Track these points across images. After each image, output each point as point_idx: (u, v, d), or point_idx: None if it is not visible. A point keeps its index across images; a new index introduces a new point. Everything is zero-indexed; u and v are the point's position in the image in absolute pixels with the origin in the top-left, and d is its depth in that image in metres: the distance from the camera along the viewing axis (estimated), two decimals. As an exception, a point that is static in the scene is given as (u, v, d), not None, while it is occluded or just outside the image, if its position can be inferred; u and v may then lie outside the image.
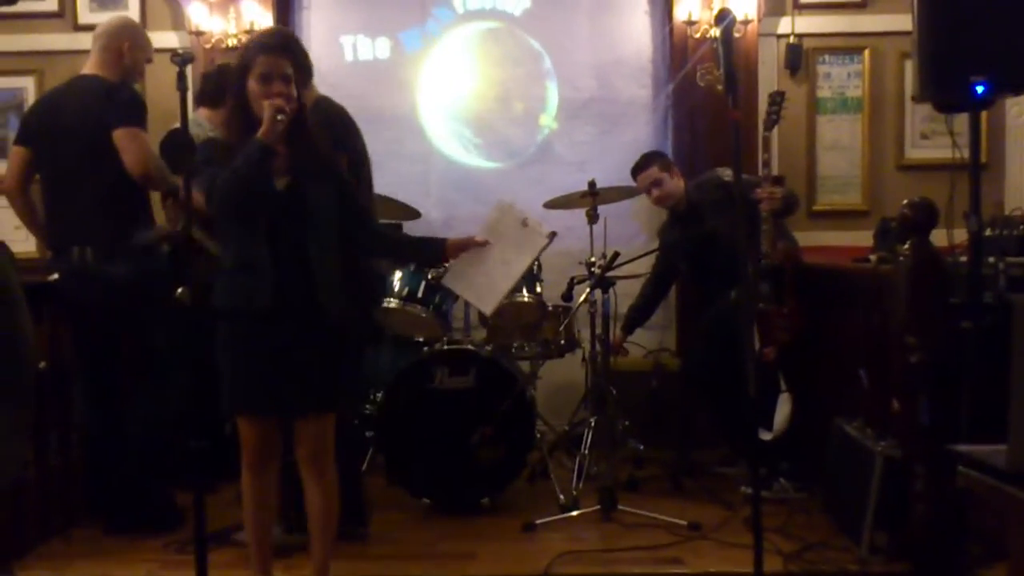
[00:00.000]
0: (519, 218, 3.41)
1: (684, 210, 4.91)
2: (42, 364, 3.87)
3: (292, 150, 3.04)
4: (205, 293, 3.03)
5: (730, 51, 3.67)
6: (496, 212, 3.43)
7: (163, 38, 5.75)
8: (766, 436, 4.35)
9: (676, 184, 4.90)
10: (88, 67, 4.15)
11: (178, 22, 5.80)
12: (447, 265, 3.44)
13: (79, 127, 3.97)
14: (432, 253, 3.38)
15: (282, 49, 3.02)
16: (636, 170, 4.93)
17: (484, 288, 3.41)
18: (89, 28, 5.72)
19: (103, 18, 5.72)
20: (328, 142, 3.25)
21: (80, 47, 5.81)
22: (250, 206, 2.96)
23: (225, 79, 4.53)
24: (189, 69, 3.01)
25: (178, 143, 4.28)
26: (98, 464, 4.13)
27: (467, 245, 3.32)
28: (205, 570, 2.89)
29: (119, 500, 4.08)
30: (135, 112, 3.98)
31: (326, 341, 3.05)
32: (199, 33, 5.67)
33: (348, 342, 3.23)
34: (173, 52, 2.95)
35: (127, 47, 4.13)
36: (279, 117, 2.91)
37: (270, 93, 2.94)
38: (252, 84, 2.98)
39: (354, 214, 3.21)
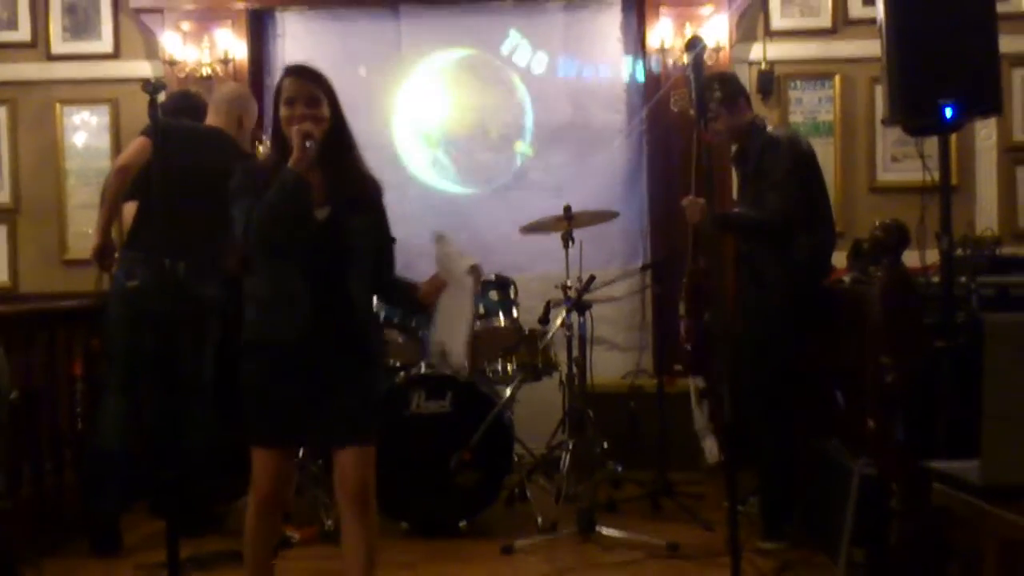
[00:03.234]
0: (452, 252, 3.23)
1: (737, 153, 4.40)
2: (14, 395, 3.85)
3: (331, 179, 2.95)
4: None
5: (701, 77, 3.74)
6: (438, 246, 3.24)
7: (137, 67, 5.78)
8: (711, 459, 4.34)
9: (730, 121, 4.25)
10: (215, 122, 4.40)
11: (152, 51, 5.82)
12: (431, 321, 3.26)
13: (212, 166, 3.99)
14: (414, 301, 3.22)
15: (305, 72, 2.94)
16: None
17: (458, 336, 3.24)
18: (62, 58, 5.83)
19: (76, 48, 5.82)
20: (366, 168, 3.10)
21: (54, 76, 5.86)
22: (287, 238, 2.86)
23: (188, 102, 4.59)
24: (162, 97, 3.01)
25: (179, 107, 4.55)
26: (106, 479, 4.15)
27: (432, 290, 3.13)
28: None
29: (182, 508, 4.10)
30: None
31: (363, 373, 2.98)
32: (172, 63, 5.67)
33: (380, 375, 3.22)
34: (145, 81, 2.94)
35: (245, 119, 4.44)
36: (308, 144, 2.81)
37: (294, 117, 2.86)
38: (282, 109, 2.91)
39: (385, 250, 3.10)
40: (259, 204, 2.82)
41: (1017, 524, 1.99)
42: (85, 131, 5.91)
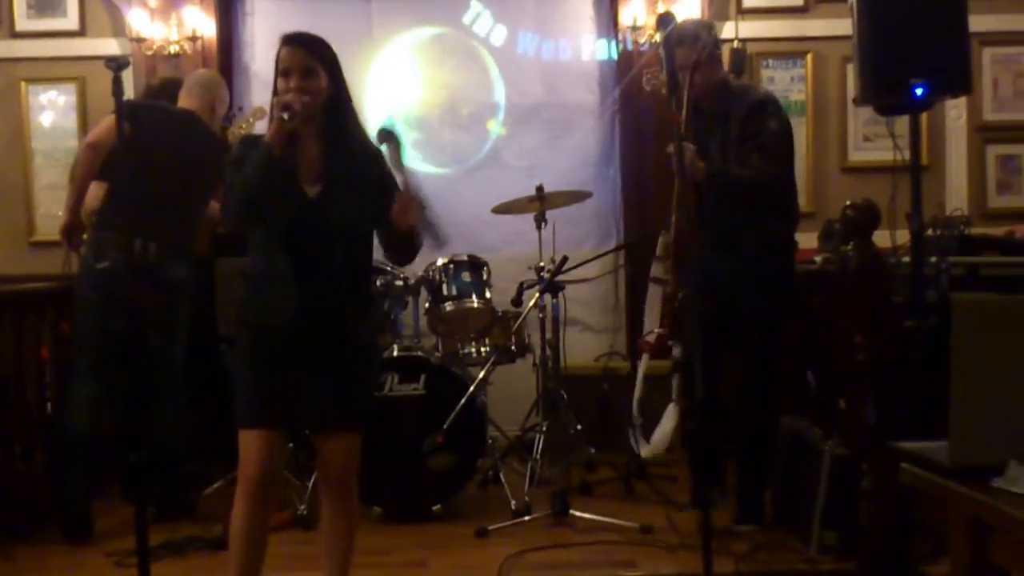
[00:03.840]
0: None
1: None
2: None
3: (327, 154, 2.84)
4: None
5: (672, 55, 3.72)
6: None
7: (103, 45, 5.68)
8: (645, 452, 4.25)
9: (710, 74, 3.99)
10: (188, 105, 4.35)
11: (119, 29, 5.72)
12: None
13: (185, 147, 4.18)
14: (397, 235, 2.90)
15: (302, 41, 2.85)
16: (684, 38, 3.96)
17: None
18: (27, 35, 5.73)
19: (41, 25, 5.72)
20: (368, 141, 2.97)
21: (18, 54, 5.76)
22: (272, 216, 2.77)
23: (169, 91, 4.54)
24: (129, 74, 2.95)
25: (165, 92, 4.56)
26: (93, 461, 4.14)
27: (401, 210, 2.83)
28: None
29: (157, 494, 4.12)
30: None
31: (351, 357, 2.88)
32: (140, 40, 5.59)
33: (371, 360, 3.10)
34: (108, 58, 2.87)
35: (218, 104, 4.41)
36: (284, 115, 2.69)
37: (288, 89, 2.75)
38: (278, 81, 2.80)
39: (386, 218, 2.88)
40: (235, 180, 2.74)
41: (984, 503, 1.99)
42: (52, 110, 5.82)
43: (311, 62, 2.81)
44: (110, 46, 5.66)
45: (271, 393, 2.83)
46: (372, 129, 3.07)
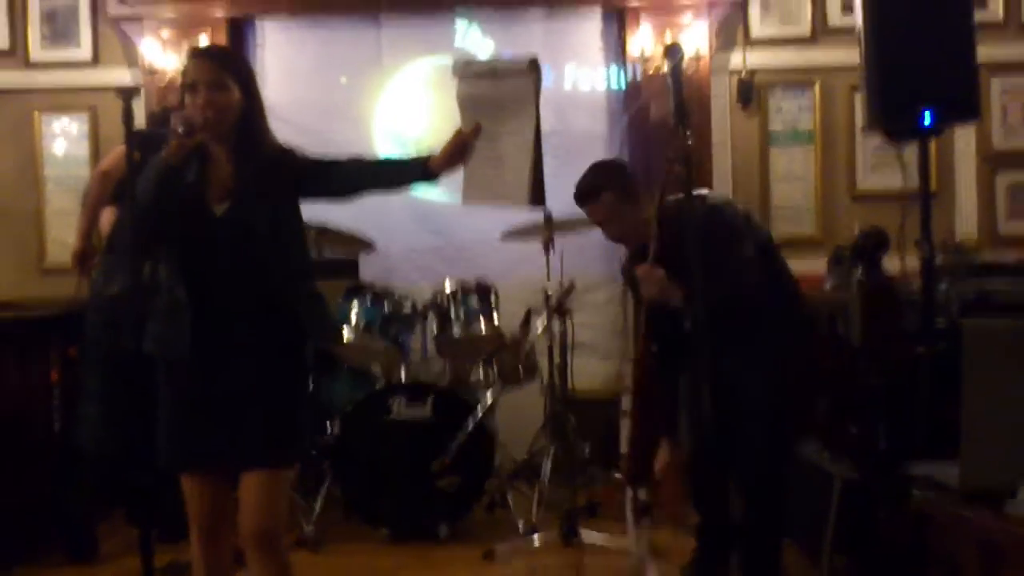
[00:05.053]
0: (486, 70, 2.79)
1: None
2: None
3: (239, 170, 2.66)
4: None
5: (679, 84, 3.70)
6: (461, 83, 2.77)
7: (116, 75, 5.72)
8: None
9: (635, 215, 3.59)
10: None
11: (131, 59, 5.76)
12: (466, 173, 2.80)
13: None
14: (418, 171, 2.75)
15: (210, 54, 2.73)
16: (582, 198, 3.74)
17: (509, 183, 2.76)
18: (41, 66, 5.79)
19: (55, 55, 5.78)
20: (280, 146, 2.79)
21: (33, 85, 5.81)
22: (167, 234, 2.62)
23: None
24: (141, 103, 2.97)
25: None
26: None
27: (456, 148, 2.70)
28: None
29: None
30: None
31: (270, 384, 2.64)
32: (152, 71, 5.63)
33: (298, 382, 2.78)
34: (118, 88, 2.88)
35: None
36: (180, 129, 2.53)
37: (195, 104, 2.59)
38: (185, 97, 2.64)
39: (320, 177, 2.75)
40: (133, 200, 2.58)
41: (995, 527, 1.99)
42: (64, 139, 5.86)
43: (220, 76, 2.63)
44: (123, 76, 5.70)
45: (186, 435, 2.67)
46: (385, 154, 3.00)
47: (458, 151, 2.70)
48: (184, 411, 2.67)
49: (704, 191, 3.56)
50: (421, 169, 2.73)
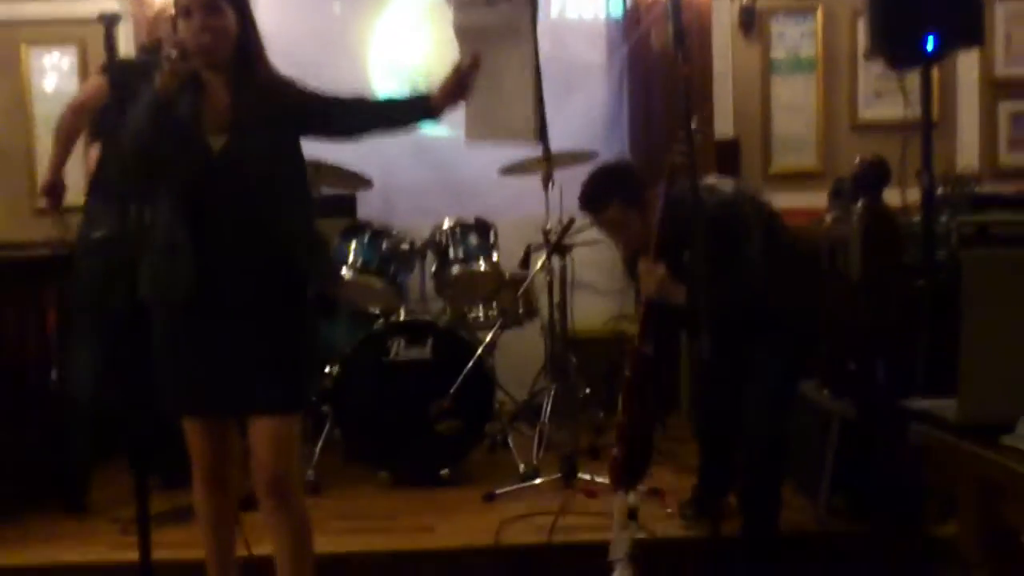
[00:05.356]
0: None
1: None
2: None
3: (235, 100, 2.57)
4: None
5: (679, 8, 3.62)
6: (457, 12, 2.72)
7: (105, 5, 5.57)
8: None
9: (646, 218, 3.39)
10: None
11: (119, -14, 5.64)
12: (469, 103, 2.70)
13: None
14: (420, 110, 2.69)
15: None
16: (589, 208, 3.55)
17: (513, 118, 2.77)
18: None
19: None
20: (279, 78, 2.70)
21: (18, 16, 5.68)
22: (166, 170, 2.51)
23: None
24: (129, 34, 2.88)
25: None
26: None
27: (456, 83, 2.61)
28: (148, 552, 2.79)
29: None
30: None
31: (275, 326, 2.59)
32: (141, 2, 5.51)
33: (304, 325, 2.70)
34: (100, 14, 2.77)
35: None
36: (173, 53, 2.41)
37: (190, 28, 2.47)
38: (179, 24, 2.51)
39: (321, 115, 2.67)
40: (125, 127, 2.48)
41: (993, 462, 1.96)
42: (54, 74, 5.76)
43: None
44: (111, 6, 5.56)
45: (189, 379, 2.62)
46: (380, 85, 2.96)
47: (459, 87, 2.62)
48: (184, 354, 2.61)
49: (712, 180, 3.45)
50: (423, 108, 2.67)
